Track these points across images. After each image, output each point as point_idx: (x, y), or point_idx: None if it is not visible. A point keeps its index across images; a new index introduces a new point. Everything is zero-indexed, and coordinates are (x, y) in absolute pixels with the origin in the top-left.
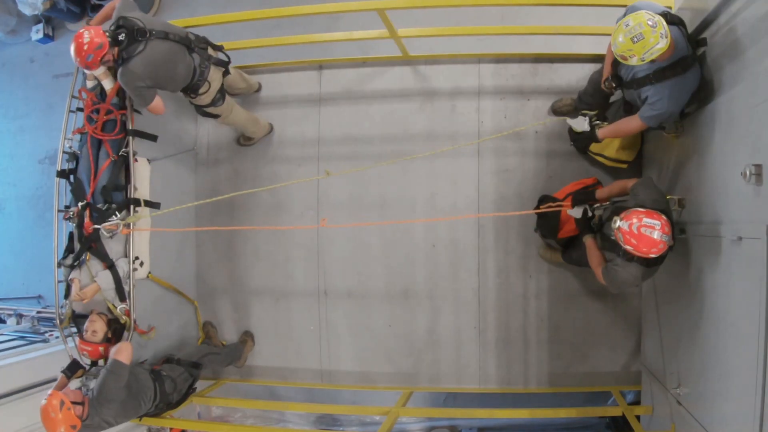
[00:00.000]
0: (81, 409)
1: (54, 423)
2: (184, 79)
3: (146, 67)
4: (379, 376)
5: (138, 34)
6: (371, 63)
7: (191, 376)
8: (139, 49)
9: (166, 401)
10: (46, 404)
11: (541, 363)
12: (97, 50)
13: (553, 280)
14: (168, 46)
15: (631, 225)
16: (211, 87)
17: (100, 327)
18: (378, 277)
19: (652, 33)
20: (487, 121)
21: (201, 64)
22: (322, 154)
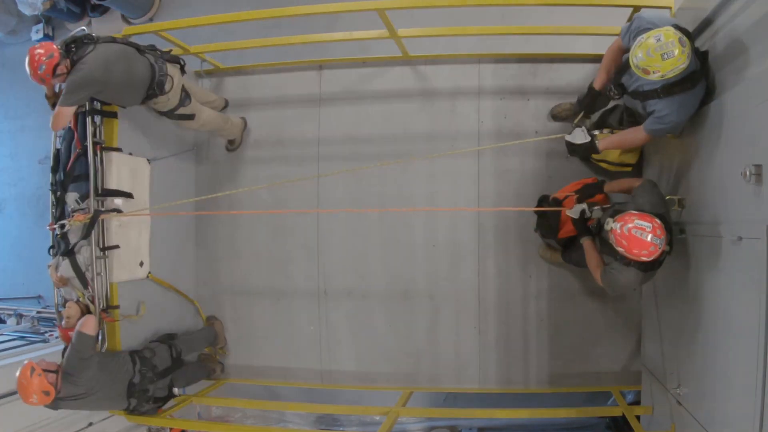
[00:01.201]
0: (54, 377)
1: (26, 389)
2: (144, 77)
3: (99, 64)
4: (379, 376)
5: (85, 39)
6: (371, 63)
7: (169, 347)
8: (89, 50)
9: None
10: (20, 373)
11: (541, 363)
12: (48, 60)
13: (553, 280)
14: (118, 46)
15: (623, 226)
16: (174, 82)
17: (73, 313)
18: (378, 277)
19: (682, 52)
20: (488, 121)
21: (156, 60)
22: (322, 155)
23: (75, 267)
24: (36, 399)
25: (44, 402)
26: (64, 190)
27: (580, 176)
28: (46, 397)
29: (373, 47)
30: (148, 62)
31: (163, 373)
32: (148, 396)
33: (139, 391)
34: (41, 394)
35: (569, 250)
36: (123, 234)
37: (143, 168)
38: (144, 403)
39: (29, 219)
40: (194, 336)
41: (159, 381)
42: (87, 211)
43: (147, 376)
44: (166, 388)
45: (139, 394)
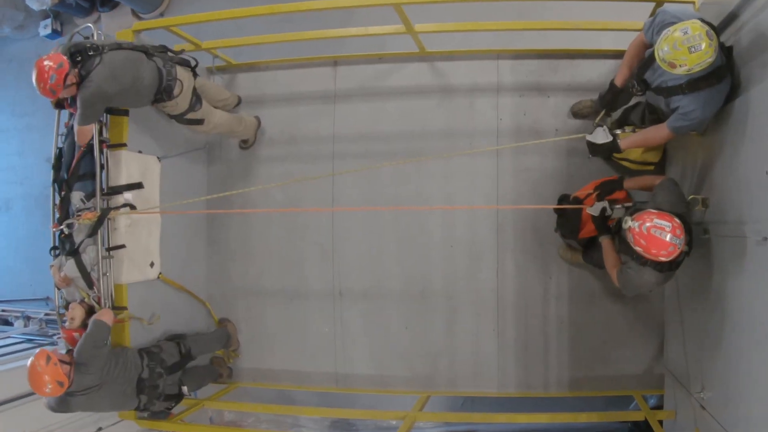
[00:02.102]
0: (68, 368)
1: (40, 377)
2: (150, 83)
3: (107, 78)
4: (396, 379)
5: (90, 50)
6: (387, 59)
7: (177, 344)
8: (96, 63)
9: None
10: (33, 360)
11: (562, 366)
12: (58, 69)
13: (573, 281)
14: (124, 53)
15: (641, 225)
16: (184, 86)
17: (78, 314)
18: (394, 277)
19: (709, 45)
20: (506, 119)
21: (164, 64)
22: (337, 153)
23: (80, 266)
24: (50, 389)
25: (57, 393)
26: (69, 189)
27: (602, 175)
28: (59, 387)
29: (389, 43)
30: (155, 67)
31: (171, 368)
32: (158, 392)
33: (149, 387)
34: (55, 384)
35: (590, 250)
36: (133, 234)
37: (153, 166)
38: (154, 400)
39: (36, 218)
40: (206, 337)
41: (168, 377)
42: (94, 210)
43: (156, 371)
44: (176, 385)
45: (149, 390)
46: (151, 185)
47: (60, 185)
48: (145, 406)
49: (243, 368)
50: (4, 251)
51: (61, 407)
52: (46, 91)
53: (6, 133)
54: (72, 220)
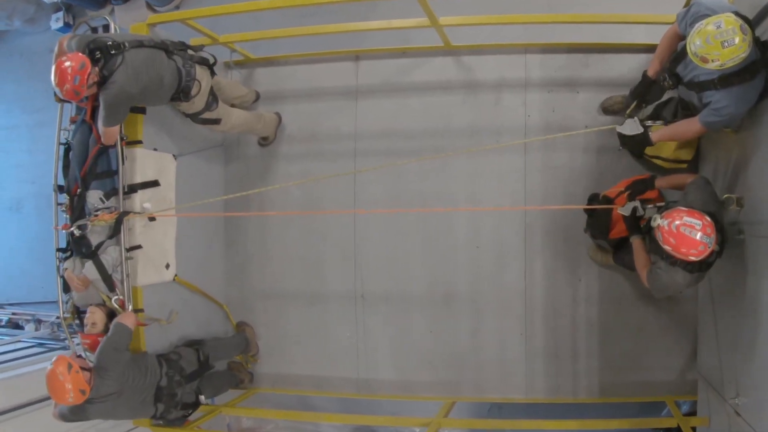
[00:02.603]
0: (89, 375)
1: (62, 386)
2: (171, 83)
3: (130, 78)
4: (420, 385)
5: (112, 48)
6: (411, 53)
7: (196, 351)
8: (118, 62)
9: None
10: (53, 368)
11: (591, 371)
12: (81, 70)
13: (603, 284)
14: (146, 51)
15: (670, 223)
16: (201, 87)
17: (99, 318)
18: (418, 280)
19: (743, 40)
20: (535, 115)
21: (184, 64)
22: (359, 150)
23: (100, 268)
24: (72, 397)
25: (79, 401)
26: (85, 188)
27: (633, 173)
28: (81, 395)
29: (413, 36)
30: (175, 66)
31: (190, 376)
32: (176, 401)
33: (167, 395)
34: (78, 393)
35: (621, 251)
36: (147, 234)
37: (169, 164)
38: (171, 408)
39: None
40: (224, 342)
41: (186, 385)
42: (112, 210)
43: (174, 379)
44: (194, 393)
45: (167, 398)
46: (166, 184)
47: (71, 183)
48: (161, 414)
49: (262, 373)
50: (15, 252)
51: (77, 415)
52: (70, 94)
53: (16, 130)
54: (85, 221)
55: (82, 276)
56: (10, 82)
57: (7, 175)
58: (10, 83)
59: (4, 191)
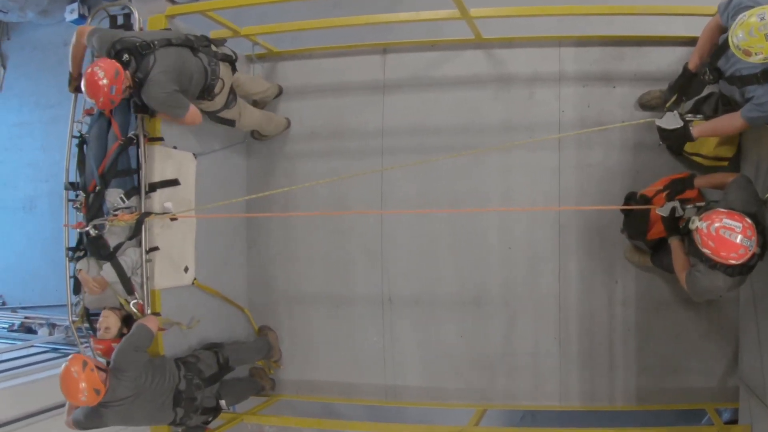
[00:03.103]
0: (105, 375)
1: (76, 384)
2: (198, 82)
3: (167, 75)
4: (449, 392)
5: (142, 49)
6: (440, 46)
7: (215, 353)
8: (151, 63)
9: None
10: (67, 366)
11: (628, 378)
12: (116, 79)
13: (641, 286)
14: (175, 50)
15: (709, 226)
16: (224, 85)
17: (113, 323)
18: (448, 282)
19: None
20: (569, 111)
21: (209, 62)
22: (386, 147)
23: (119, 271)
24: (86, 396)
25: (93, 402)
26: (105, 186)
27: (671, 171)
28: (95, 395)
29: (442, 29)
30: (201, 65)
31: (210, 379)
32: (195, 405)
33: (186, 400)
34: (92, 392)
35: (659, 252)
36: (166, 236)
37: (188, 163)
38: (191, 413)
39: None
40: (245, 346)
41: (206, 389)
42: (132, 210)
43: (193, 382)
44: (214, 397)
45: (187, 402)
46: (186, 184)
47: (87, 180)
48: (181, 420)
49: (285, 380)
50: (27, 253)
51: (92, 421)
52: (106, 104)
53: (29, 127)
54: (103, 221)
55: (99, 278)
56: (22, 77)
57: (20, 174)
58: (23, 78)
59: (16, 190)
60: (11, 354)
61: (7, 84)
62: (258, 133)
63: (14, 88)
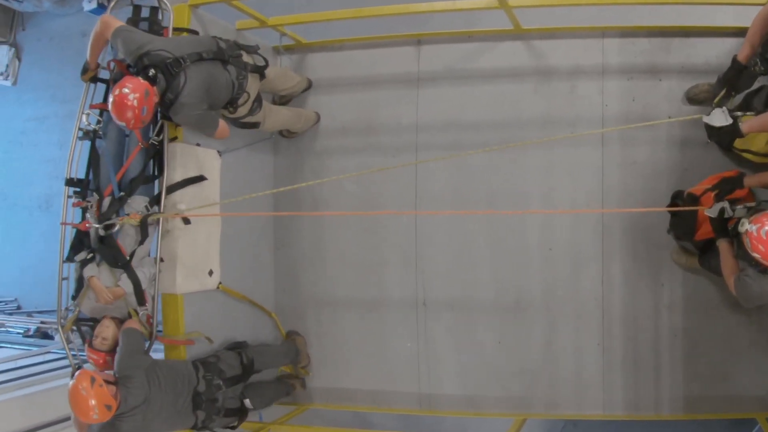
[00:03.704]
0: (114, 389)
1: (85, 401)
2: (225, 97)
3: (196, 95)
4: (487, 400)
5: (172, 67)
6: (477, 37)
7: (238, 354)
8: (182, 83)
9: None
10: (75, 384)
11: (675, 385)
12: (147, 99)
13: (688, 289)
14: (206, 67)
15: (760, 229)
16: (249, 97)
17: (111, 334)
18: (486, 285)
19: None
20: (613, 105)
21: (238, 75)
22: (420, 143)
23: (134, 280)
24: (97, 414)
25: (105, 418)
26: (131, 192)
27: (720, 169)
28: (107, 411)
29: (479, 19)
30: (230, 80)
31: (231, 380)
32: (217, 407)
33: (207, 402)
34: (103, 408)
35: (708, 254)
36: (188, 238)
37: (213, 161)
38: (214, 416)
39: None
40: (271, 349)
41: (228, 389)
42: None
43: (213, 383)
44: (238, 398)
45: (207, 405)
46: (210, 183)
47: (102, 182)
48: (203, 423)
49: (314, 388)
50: (43, 255)
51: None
52: (137, 125)
53: (46, 121)
54: (112, 221)
55: (118, 289)
56: (39, 69)
57: (36, 171)
58: (39, 70)
59: (32, 188)
60: (27, 360)
61: (22, 77)
62: (287, 131)
63: (30, 81)
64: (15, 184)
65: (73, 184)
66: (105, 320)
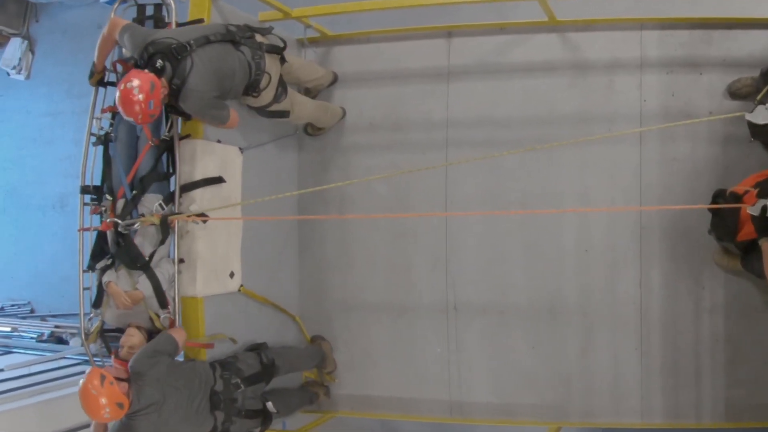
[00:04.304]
0: (126, 386)
1: (96, 400)
2: (242, 79)
3: (205, 79)
4: (521, 408)
5: (177, 52)
6: (510, 29)
7: (257, 354)
8: (189, 67)
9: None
10: (85, 382)
11: (717, 392)
12: (153, 92)
13: (730, 292)
14: (214, 49)
15: None
16: (272, 78)
17: (138, 341)
18: (519, 289)
19: None
20: (651, 100)
21: (254, 55)
22: (451, 140)
23: (155, 283)
24: (109, 413)
25: (117, 416)
26: (143, 190)
27: (764, 167)
28: (119, 410)
29: (512, 10)
30: (244, 60)
31: (251, 379)
32: (237, 408)
33: (225, 402)
34: (114, 407)
35: (751, 255)
36: (208, 239)
37: (234, 159)
38: (233, 417)
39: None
40: (295, 351)
41: (248, 388)
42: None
43: (231, 382)
44: (259, 399)
45: (226, 405)
46: (231, 182)
47: (114, 184)
48: (223, 425)
49: (340, 395)
50: (58, 257)
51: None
52: (146, 120)
53: (60, 117)
54: (134, 221)
55: (137, 292)
56: (52, 63)
57: (51, 169)
58: (53, 64)
59: (46, 186)
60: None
61: (35, 70)
62: (312, 126)
63: (43, 75)
64: (28, 183)
65: (88, 192)
66: (130, 329)
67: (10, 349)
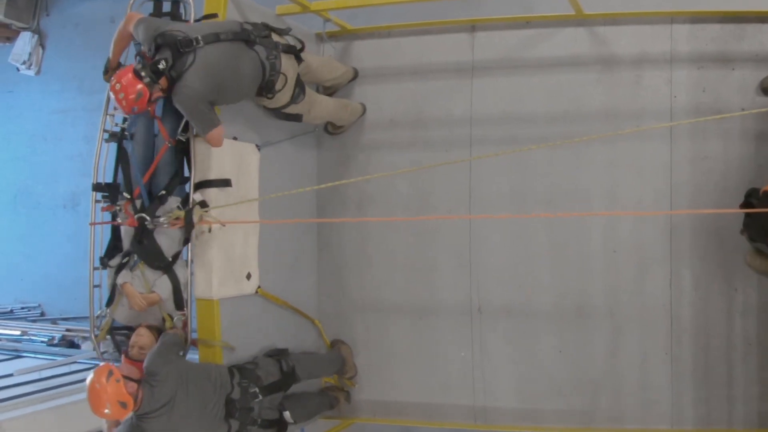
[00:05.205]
0: (135, 387)
1: (98, 396)
2: (253, 79)
3: (203, 79)
4: (547, 414)
5: (182, 46)
6: (535, 23)
7: (277, 361)
8: (189, 62)
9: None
10: (92, 377)
11: (749, 398)
12: (138, 100)
13: (764, 295)
14: (222, 48)
15: None
16: (288, 80)
17: (149, 342)
18: (545, 290)
19: None
20: (682, 96)
21: (268, 55)
22: (475, 137)
23: (176, 284)
24: (110, 410)
25: (119, 416)
26: (169, 192)
27: None
28: (121, 409)
29: (537, 3)
30: (257, 59)
31: (269, 388)
32: (253, 417)
33: (241, 410)
34: (116, 405)
35: None
36: (224, 239)
37: (251, 156)
38: (249, 426)
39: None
40: (315, 357)
41: (265, 398)
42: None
43: (249, 390)
44: (276, 409)
45: (242, 414)
46: (248, 179)
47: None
48: None
49: (360, 400)
50: (70, 257)
51: None
52: (128, 111)
53: (72, 113)
54: (164, 222)
55: (153, 295)
56: (64, 58)
57: (62, 167)
58: (64, 59)
59: (57, 185)
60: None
61: (46, 66)
62: (332, 125)
63: (54, 71)
64: (38, 182)
65: (100, 189)
66: (140, 329)
67: (20, 353)
